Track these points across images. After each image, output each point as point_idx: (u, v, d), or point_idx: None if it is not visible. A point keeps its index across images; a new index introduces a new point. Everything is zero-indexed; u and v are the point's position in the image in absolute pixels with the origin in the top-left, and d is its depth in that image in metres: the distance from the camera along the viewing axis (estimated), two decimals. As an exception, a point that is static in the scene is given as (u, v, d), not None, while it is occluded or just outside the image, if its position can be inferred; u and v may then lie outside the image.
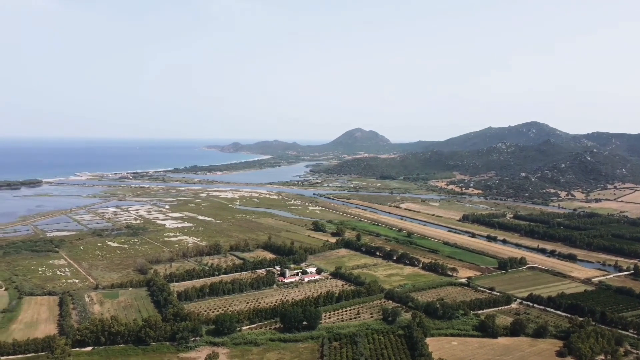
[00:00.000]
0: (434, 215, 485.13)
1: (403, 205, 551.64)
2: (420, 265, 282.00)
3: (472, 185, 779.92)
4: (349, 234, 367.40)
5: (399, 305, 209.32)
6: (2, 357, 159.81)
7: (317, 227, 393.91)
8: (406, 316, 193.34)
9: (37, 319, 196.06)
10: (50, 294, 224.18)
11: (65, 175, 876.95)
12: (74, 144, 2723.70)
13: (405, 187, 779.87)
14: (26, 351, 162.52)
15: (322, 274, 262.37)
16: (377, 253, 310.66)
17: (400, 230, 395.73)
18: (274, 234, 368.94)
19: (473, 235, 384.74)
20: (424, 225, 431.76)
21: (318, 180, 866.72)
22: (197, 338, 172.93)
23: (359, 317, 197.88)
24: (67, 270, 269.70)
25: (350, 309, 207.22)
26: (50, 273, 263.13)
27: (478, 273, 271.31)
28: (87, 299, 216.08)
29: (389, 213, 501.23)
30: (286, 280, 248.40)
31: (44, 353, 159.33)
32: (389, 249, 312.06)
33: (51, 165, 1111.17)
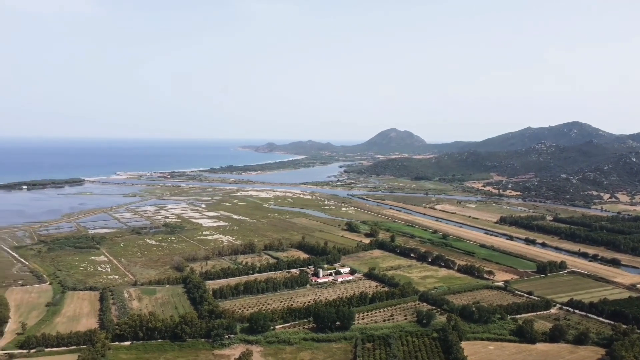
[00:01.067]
0: (470, 217, 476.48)
1: (438, 207, 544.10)
2: (456, 268, 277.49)
3: (510, 186, 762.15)
4: (383, 235, 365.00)
5: (434, 307, 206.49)
6: (47, 349, 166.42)
7: (351, 228, 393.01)
8: (441, 319, 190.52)
9: (79, 313, 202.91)
10: (91, 289, 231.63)
11: (107, 175, 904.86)
12: (114, 144, 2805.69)
13: (440, 188, 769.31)
14: (69, 344, 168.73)
15: (356, 274, 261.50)
16: (412, 254, 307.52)
17: (435, 231, 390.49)
18: (308, 233, 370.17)
19: (511, 238, 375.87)
20: (460, 227, 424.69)
21: (352, 181, 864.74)
22: (232, 336, 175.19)
23: (393, 318, 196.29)
24: (108, 266, 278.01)
25: (384, 311, 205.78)
26: (92, 269, 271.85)
27: (516, 277, 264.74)
28: (126, 295, 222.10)
29: (424, 214, 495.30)
30: (319, 280, 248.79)
31: (85, 346, 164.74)
32: (423, 251, 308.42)
33: (93, 165, 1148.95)
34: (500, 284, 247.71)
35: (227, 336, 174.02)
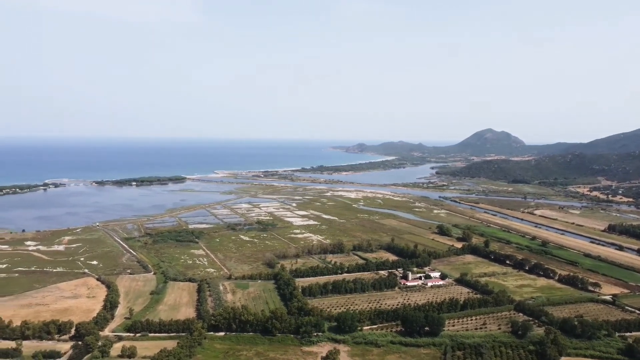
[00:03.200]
0: (573, 224, 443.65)
1: (537, 212, 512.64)
2: (556, 278, 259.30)
3: (620, 192, 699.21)
4: (476, 240, 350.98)
5: (530, 319, 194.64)
6: (150, 334, 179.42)
7: (442, 231, 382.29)
8: (538, 331, 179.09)
9: (179, 303, 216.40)
10: (190, 280, 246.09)
11: (205, 173, 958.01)
12: (212, 144, 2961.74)
13: (540, 192, 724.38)
14: (169, 330, 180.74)
15: (446, 279, 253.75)
16: (507, 261, 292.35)
17: (533, 238, 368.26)
18: (397, 235, 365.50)
19: (621, 248, 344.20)
20: (562, 234, 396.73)
21: (444, 183, 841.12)
22: (319, 333, 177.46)
23: (485, 327, 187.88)
24: (205, 259, 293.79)
25: (476, 319, 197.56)
26: (191, 261, 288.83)
27: (626, 290, 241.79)
28: (221, 288, 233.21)
29: (522, 220, 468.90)
30: (408, 284, 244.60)
31: (184, 334, 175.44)
32: (520, 258, 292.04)
33: (194, 164, 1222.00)
34: (608, 297, 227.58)
35: (315, 334, 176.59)
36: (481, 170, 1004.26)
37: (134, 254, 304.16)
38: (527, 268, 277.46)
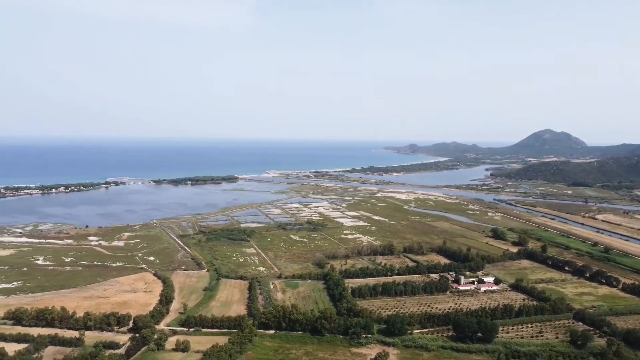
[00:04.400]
0: (639, 230, 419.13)
1: (600, 217, 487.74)
2: (620, 286, 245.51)
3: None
4: (532, 244, 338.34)
5: (591, 328, 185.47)
6: (203, 330, 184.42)
7: (497, 235, 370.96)
8: (599, 342, 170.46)
9: (231, 300, 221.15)
10: (241, 278, 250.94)
11: (257, 173, 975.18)
12: (264, 144, 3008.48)
13: (603, 196, 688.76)
14: (221, 326, 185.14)
15: (501, 284, 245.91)
16: (566, 268, 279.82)
17: (595, 244, 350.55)
18: (449, 238, 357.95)
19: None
20: (626, 240, 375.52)
21: (499, 185, 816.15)
22: (369, 335, 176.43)
23: (542, 336, 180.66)
24: (256, 258, 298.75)
25: (532, 326, 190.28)
26: (242, 260, 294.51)
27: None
28: (271, 286, 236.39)
29: (582, 224, 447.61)
30: (460, 288, 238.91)
31: (235, 330, 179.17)
32: (580, 264, 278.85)
33: (246, 163, 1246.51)
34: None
35: (364, 335, 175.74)
36: (539, 172, 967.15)
37: (189, 251, 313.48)
38: (587, 275, 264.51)
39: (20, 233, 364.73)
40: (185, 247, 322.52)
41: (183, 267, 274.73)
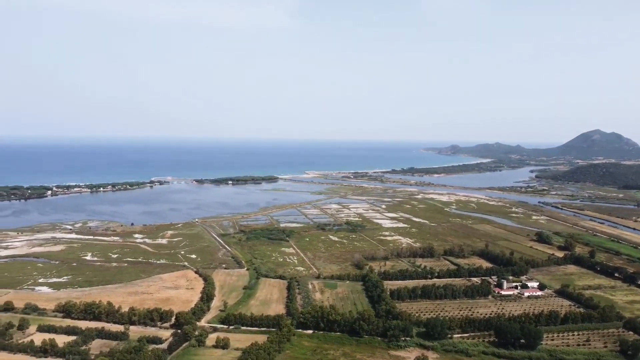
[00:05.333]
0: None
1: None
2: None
3: None
4: (579, 249, 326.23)
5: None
6: (242, 327, 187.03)
7: (542, 239, 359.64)
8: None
9: (270, 299, 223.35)
10: (280, 277, 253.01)
11: (297, 173, 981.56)
12: (302, 144, 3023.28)
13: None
14: (260, 325, 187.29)
15: (545, 290, 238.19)
16: (616, 274, 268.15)
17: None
18: (492, 241, 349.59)
19: None
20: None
21: (544, 187, 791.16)
22: (407, 338, 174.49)
23: (589, 344, 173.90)
24: (295, 258, 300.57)
25: (578, 334, 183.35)
26: (281, 259, 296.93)
27: None
28: (310, 286, 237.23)
29: (634, 229, 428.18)
30: (503, 292, 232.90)
31: (273, 329, 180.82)
32: (632, 271, 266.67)
33: (285, 164, 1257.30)
34: None
35: (402, 338, 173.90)
36: (587, 175, 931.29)
37: (229, 249, 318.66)
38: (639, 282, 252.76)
39: (71, 229, 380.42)
40: (226, 246, 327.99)
41: (223, 266, 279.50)
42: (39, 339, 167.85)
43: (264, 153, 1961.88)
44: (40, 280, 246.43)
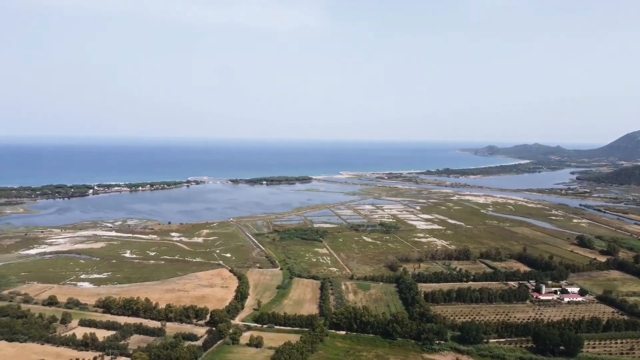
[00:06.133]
0: None
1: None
2: None
3: None
4: (623, 254, 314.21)
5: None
6: (276, 327, 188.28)
7: (583, 243, 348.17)
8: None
9: (303, 298, 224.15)
10: (314, 277, 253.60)
11: (330, 174, 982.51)
12: (337, 145, 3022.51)
13: None
14: (293, 324, 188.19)
15: (586, 296, 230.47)
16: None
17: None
18: (530, 245, 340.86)
19: None
20: None
21: (586, 190, 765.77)
22: (442, 342, 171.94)
23: (633, 353, 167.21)
24: (328, 258, 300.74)
25: (622, 342, 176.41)
26: (315, 259, 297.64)
27: None
28: (343, 287, 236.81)
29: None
30: (542, 297, 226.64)
31: (306, 329, 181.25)
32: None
33: (319, 164, 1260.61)
34: None
35: (437, 341, 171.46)
36: (632, 177, 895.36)
37: (263, 249, 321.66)
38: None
39: (111, 227, 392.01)
40: (260, 246, 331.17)
41: (257, 265, 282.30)
42: (80, 332, 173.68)
43: (298, 153, 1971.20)
44: (82, 276, 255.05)
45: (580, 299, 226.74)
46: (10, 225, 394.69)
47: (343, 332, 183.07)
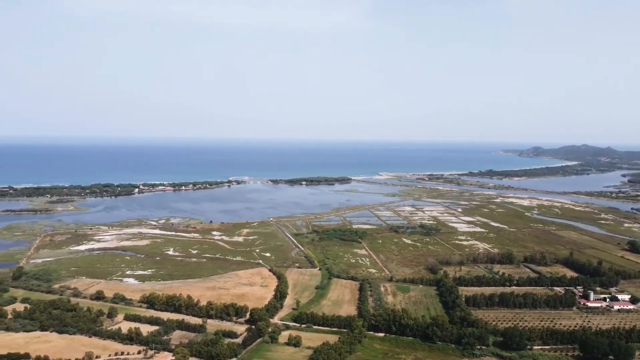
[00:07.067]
0: None
1: None
2: None
3: None
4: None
5: None
6: (314, 327, 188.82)
7: (635, 248, 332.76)
8: None
9: (341, 299, 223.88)
10: (352, 278, 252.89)
11: (370, 174, 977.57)
12: (375, 146, 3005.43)
13: None
14: (331, 325, 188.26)
15: (638, 304, 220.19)
16: None
17: None
18: (577, 249, 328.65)
19: None
20: None
21: (638, 193, 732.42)
22: (483, 347, 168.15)
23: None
24: (367, 260, 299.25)
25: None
26: (353, 260, 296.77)
27: None
28: (382, 289, 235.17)
29: None
30: (589, 304, 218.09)
31: (344, 330, 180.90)
32: None
33: (359, 164, 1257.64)
34: None
35: (478, 346, 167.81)
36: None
37: (302, 249, 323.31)
38: None
39: (155, 225, 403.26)
40: (299, 246, 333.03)
41: (296, 265, 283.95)
42: (125, 327, 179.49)
43: (338, 154, 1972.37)
44: (127, 272, 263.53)
45: (631, 307, 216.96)
46: (61, 223, 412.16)
47: (381, 334, 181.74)
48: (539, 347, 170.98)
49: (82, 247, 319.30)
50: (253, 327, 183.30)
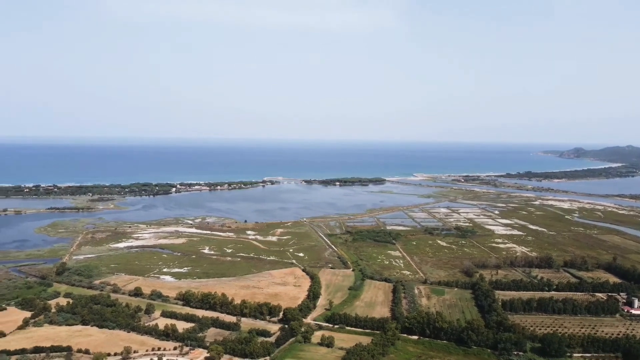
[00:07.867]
0: None
1: None
2: None
3: None
4: None
5: None
6: (347, 327, 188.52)
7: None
8: None
9: (375, 301, 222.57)
10: (386, 280, 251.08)
11: (404, 175, 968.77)
12: (411, 146, 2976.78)
13: None
14: (364, 326, 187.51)
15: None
16: None
17: None
18: (621, 254, 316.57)
19: None
20: None
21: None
22: (520, 353, 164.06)
23: None
24: (401, 261, 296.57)
25: None
26: (387, 262, 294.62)
27: None
28: (416, 291, 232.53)
29: None
30: (634, 312, 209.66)
31: (377, 332, 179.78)
32: None
33: (393, 165, 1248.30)
34: None
35: (515, 352, 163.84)
36: None
37: (335, 249, 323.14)
38: None
39: (191, 224, 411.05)
40: (332, 246, 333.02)
41: (330, 265, 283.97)
42: (162, 323, 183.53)
43: (370, 154, 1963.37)
44: (164, 270, 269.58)
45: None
46: (102, 220, 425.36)
47: (415, 337, 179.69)
48: (579, 354, 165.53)
49: (121, 245, 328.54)
50: (286, 326, 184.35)
